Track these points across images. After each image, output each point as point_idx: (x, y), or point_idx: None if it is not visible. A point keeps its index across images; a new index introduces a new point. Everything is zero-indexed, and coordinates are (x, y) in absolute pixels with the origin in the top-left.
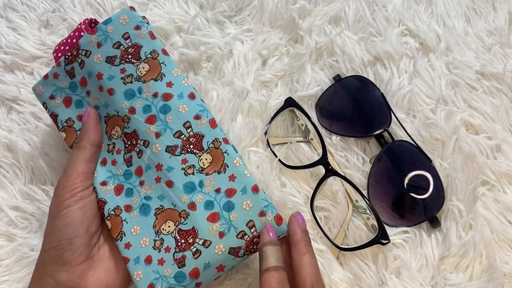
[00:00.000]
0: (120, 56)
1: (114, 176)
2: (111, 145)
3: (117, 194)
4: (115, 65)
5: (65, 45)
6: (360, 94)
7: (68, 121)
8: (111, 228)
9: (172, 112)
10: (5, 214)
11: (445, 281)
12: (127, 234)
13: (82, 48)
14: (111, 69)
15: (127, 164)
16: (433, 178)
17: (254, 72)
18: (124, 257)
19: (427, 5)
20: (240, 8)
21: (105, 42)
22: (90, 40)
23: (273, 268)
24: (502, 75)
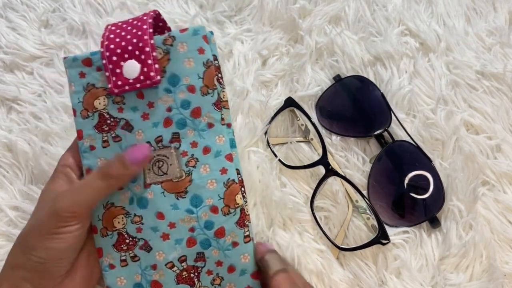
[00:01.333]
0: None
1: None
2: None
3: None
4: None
5: (120, 37)
6: (360, 94)
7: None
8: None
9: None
10: (5, 214)
11: (445, 281)
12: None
13: None
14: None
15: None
16: (433, 178)
17: (254, 72)
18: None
19: (427, 5)
20: (240, 8)
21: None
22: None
23: (281, 271)
24: (502, 75)
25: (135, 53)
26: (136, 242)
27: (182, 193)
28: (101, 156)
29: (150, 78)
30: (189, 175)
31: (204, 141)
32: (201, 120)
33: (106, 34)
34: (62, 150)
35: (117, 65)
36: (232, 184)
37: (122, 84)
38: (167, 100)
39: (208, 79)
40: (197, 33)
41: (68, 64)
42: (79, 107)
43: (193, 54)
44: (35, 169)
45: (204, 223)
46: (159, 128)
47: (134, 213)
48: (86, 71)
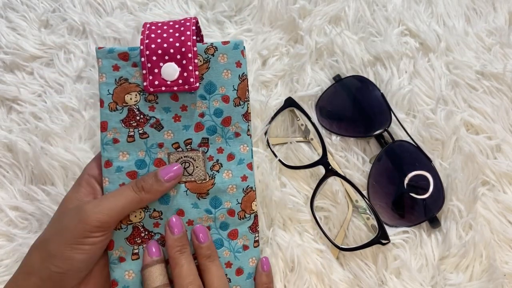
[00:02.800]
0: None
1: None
2: None
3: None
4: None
5: (162, 39)
6: (360, 94)
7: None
8: None
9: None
10: (5, 214)
11: (445, 281)
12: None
13: None
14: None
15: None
16: (433, 178)
17: (254, 72)
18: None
19: (427, 5)
20: (240, 8)
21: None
22: None
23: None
24: (502, 75)
25: (177, 56)
26: (152, 236)
27: (203, 194)
28: (123, 150)
29: (189, 83)
30: (213, 179)
31: (229, 148)
32: (229, 129)
33: (146, 32)
34: (62, 150)
35: (156, 65)
36: (250, 191)
37: (159, 84)
38: (201, 106)
39: (241, 91)
40: (237, 47)
41: (102, 55)
42: (108, 99)
43: (231, 66)
44: (35, 169)
45: (220, 224)
46: (189, 131)
47: (153, 208)
48: (121, 65)
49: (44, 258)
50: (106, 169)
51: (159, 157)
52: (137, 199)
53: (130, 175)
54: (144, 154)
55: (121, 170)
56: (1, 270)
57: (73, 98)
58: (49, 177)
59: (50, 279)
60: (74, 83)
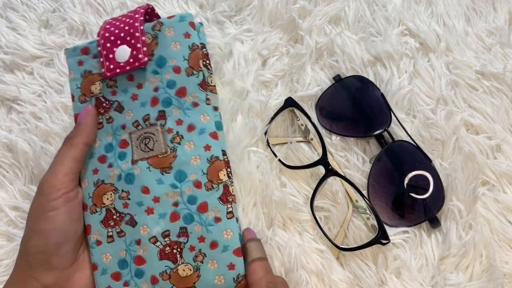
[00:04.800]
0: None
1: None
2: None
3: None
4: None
5: (115, 27)
6: (360, 94)
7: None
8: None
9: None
10: (5, 214)
11: (445, 281)
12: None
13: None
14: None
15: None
16: (433, 178)
17: (254, 72)
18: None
19: (427, 5)
20: (240, 8)
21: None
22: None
23: (258, 259)
24: (502, 75)
25: (127, 38)
26: (123, 217)
27: (166, 169)
28: (96, 137)
29: (139, 60)
30: (174, 151)
31: (188, 119)
32: (186, 99)
33: (103, 26)
34: None
35: (110, 51)
36: (216, 160)
37: (114, 68)
38: (154, 80)
39: (193, 61)
40: (184, 19)
41: (68, 54)
42: (77, 93)
43: (179, 38)
44: (35, 169)
45: (188, 198)
46: (146, 107)
47: (122, 189)
48: (83, 59)
49: (24, 246)
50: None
51: (123, 138)
52: (68, 147)
53: (100, 159)
54: (111, 138)
55: (93, 156)
56: (1, 270)
57: None
58: None
59: (35, 261)
60: None
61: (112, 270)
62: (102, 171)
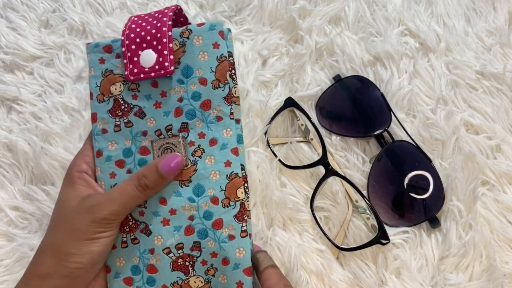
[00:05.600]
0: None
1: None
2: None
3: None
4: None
5: (141, 28)
6: (360, 94)
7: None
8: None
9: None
10: (5, 214)
11: (445, 281)
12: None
13: None
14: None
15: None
16: (433, 178)
17: (254, 72)
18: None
19: (427, 5)
20: (240, 8)
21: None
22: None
23: (271, 266)
24: (502, 75)
25: (153, 43)
26: (138, 225)
27: (186, 181)
28: (111, 140)
29: (164, 68)
30: (195, 165)
31: (211, 133)
32: (210, 112)
33: (128, 24)
34: (62, 150)
35: (135, 53)
36: (235, 177)
37: (138, 72)
38: (179, 90)
39: (220, 73)
40: (214, 28)
41: (90, 50)
42: (96, 91)
43: (207, 48)
44: (35, 169)
45: (204, 213)
46: (169, 117)
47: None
48: (105, 57)
49: (61, 258)
50: (98, 159)
51: (143, 145)
52: (142, 197)
53: (118, 164)
54: (130, 142)
55: (110, 159)
56: (1, 270)
57: (73, 98)
58: (49, 177)
59: (69, 276)
60: (74, 83)
61: (124, 275)
62: (120, 176)
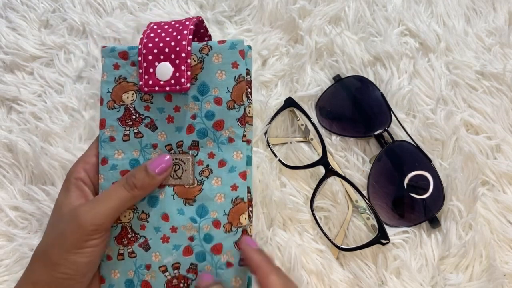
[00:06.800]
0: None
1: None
2: None
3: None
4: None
5: (159, 38)
6: (360, 94)
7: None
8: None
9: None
10: (5, 214)
11: (445, 281)
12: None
13: None
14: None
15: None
16: (433, 178)
17: (254, 72)
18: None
19: (427, 5)
20: (240, 8)
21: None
22: None
23: (274, 271)
24: (502, 75)
25: (171, 56)
26: (137, 238)
27: (190, 200)
28: (119, 149)
29: (180, 84)
30: (201, 184)
31: (221, 154)
32: (222, 133)
33: (147, 31)
34: (62, 150)
35: (151, 64)
36: (240, 202)
37: (152, 84)
38: (193, 107)
39: (236, 94)
40: (234, 47)
41: (105, 54)
42: (107, 97)
43: (226, 67)
44: (35, 169)
45: (204, 236)
46: (181, 133)
47: (142, 210)
48: (120, 64)
49: (49, 267)
50: (102, 166)
51: (152, 158)
52: (129, 197)
53: (123, 173)
54: (138, 153)
55: (115, 168)
56: (1, 270)
57: (73, 98)
58: (49, 177)
59: (58, 285)
60: (74, 83)
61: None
62: None
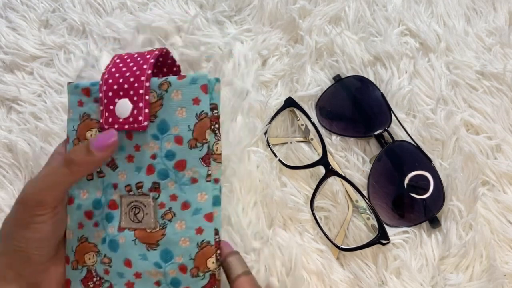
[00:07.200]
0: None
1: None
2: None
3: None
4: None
5: (120, 73)
6: (360, 94)
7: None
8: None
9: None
10: (5, 214)
11: (445, 281)
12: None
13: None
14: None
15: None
16: (433, 178)
17: (254, 72)
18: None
19: (427, 5)
20: (240, 8)
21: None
22: None
23: (243, 273)
24: (502, 75)
25: (130, 92)
26: (102, 283)
27: (153, 245)
28: (83, 188)
29: (138, 122)
30: (164, 228)
31: (184, 196)
32: (184, 173)
33: (109, 66)
34: None
35: (111, 101)
36: (206, 246)
37: (112, 122)
38: (153, 146)
39: (198, 131)
40: (195, 82)
41: (70, 90)
42: (72, 135)
43: (186, 103)
44: (35, 169)
45: (171, 280)
46: (141, 173)
47: (104, 254)
48: (84, 100)
49: (5, 239)
50: (69, 206)
51: (113, 199)
52: (68, 173)
53: (87, 214)
54: (101, 194)
55: (80, 208)
56: None
57: None
58: None
59: (16, 256)
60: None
61: None
62: (87, 227)
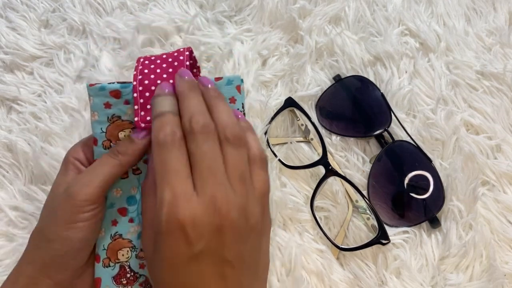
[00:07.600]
0: None
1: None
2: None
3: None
4: None
5: (155, 74)
6: (360, 94)
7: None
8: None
9: None
10: (5, 214)
11: (445, 281)
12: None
13: None
14: None
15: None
16: (433, 178)
17: (254, 72)
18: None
19: (427, 5)
20: (240, 8)
21: None
22: None
23: (160, 115)
24: (502, 75)
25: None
26: (137, 278)
27: None
28: (117, 187)
29: None
30: None
31: None
32: None
33: (139, 67)
34: (62, 150)
35: (148, 101)
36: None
37: (150, 120)
38: None
39: None
40: (231, 83)
41: (93, 92)
42: (102, 137)
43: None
44: (35, 169)
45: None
46: None
47: (140, 248)
48: (112, 102)
49: (43, 245)
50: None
51: None
52: (116, 163)
53: (121, 211)
54: (136, 191)
55: (113, 206)
56: (1, 270)
57: (73, 98)
58: (49, 177)
59: (53, 263)
60: (74, 83)
61: None
62: (121, 224)
